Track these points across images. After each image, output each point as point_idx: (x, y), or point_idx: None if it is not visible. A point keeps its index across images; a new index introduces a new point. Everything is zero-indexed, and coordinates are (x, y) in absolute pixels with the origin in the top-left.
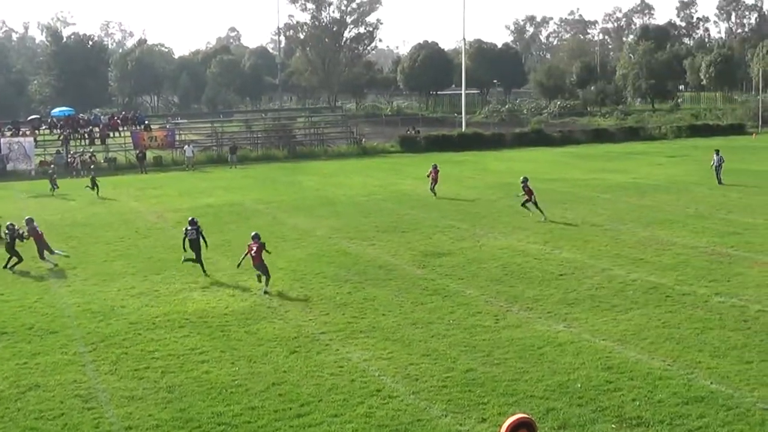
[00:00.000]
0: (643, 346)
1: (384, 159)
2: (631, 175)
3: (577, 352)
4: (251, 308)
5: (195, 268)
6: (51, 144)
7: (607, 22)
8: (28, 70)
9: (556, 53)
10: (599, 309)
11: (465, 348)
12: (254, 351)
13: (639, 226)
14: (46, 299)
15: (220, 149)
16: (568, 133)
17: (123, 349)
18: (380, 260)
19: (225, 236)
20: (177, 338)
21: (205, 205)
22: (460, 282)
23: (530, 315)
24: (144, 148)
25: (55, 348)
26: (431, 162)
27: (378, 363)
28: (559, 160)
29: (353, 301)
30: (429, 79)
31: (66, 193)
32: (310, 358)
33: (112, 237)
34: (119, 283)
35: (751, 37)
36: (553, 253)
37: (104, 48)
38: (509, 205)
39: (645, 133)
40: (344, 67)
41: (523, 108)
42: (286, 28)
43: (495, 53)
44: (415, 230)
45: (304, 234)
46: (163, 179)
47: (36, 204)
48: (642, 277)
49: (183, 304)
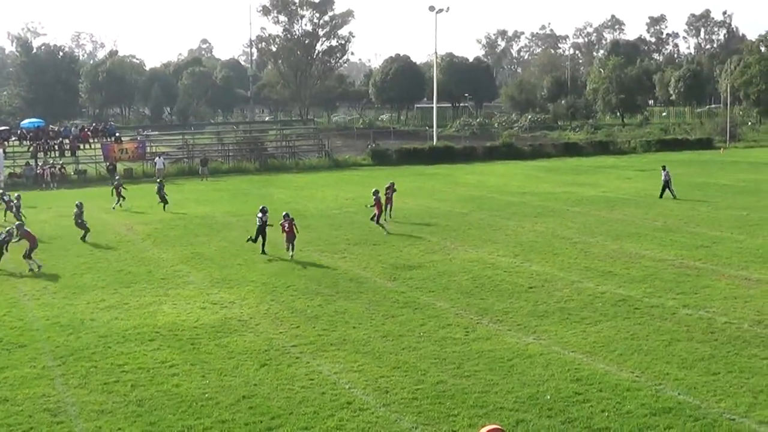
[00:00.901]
0: (612, 358)
1: (355, 172)
2: (601, 189)
3: (546, 364)
4: (222, 321)
5: (164, 280)
6: (20, 156)
7: (578, 37)
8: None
9: (527, 67)
10: (569, 321)
11: (435, 360)
12: (225, 364)
13: (608, 239)
14: (15, 312)
15: (191, 161)
16: (539, 146)
17: (92, 362)
18: (351, 273)
19: (195, 249)
20: (147, 351)
21: (177, 217)
22: (430, 295)
23: (500, 327)
24: (114, 160)
25: (23, 362)
26: (401, 175)
27: (348, 375)
28: (530, 173)
29: (324, 313)
30: (401, 92)
31: (35, 205)
32: (281, 371)
33: (82, 250)
34: (89, 296)
35: (720, 53)
36: (523, 266)
37: (75, 59)
38: (480, 219)
39: (614, 147)
40: (316, 80)
41: (494, 122)
42: (258, 41)
43: (466, 67)
44: (385, 243)
45: (276, 247)
46: (134, 191)
47: (5, 216)
48: (611, 289)
49: (153, 317)
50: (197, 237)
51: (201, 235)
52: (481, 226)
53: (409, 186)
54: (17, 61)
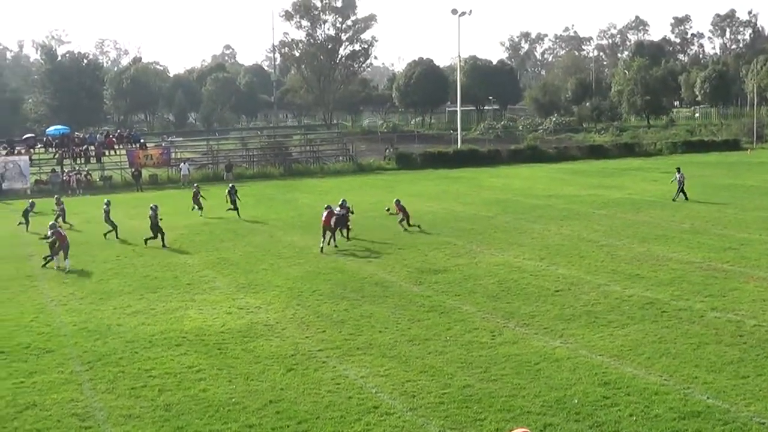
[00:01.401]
0: (640, 362)
1: (380, 176)
2: (627, 191)
3: (573, 368)
4: (248, 326)
5: (190, 286)
6: (46, 163)
7: (602, 39)
8: (23, 89)
9: (551, 70)
10: (595, 325)
11: (462, 364)
12: (251, 369)
13: (635, 241)
14: (43, 318)
15: (215, 167)
16: (564, 149)
17: (120, 367)
18: (377, 277)
19: (221, 254)
20: (174, 356)
21: (201, 223)
22: (456, 298)
23: (527, 331)
24: (140, 166)
25: (51, 367)
26: (425, 179)
27: (375, 380)
28: (555, 176)
29: (350, 318)
30: (424, 96)
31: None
32: (308, 375)
33: (109, 255)
34: (115, 302)
35: (746, 52)
36: (549, 269)
37: (99, 66)
38: (505, 222)
39: (640, 149)
40: (339, 84)
41: (519, 124)
42: (281, 46)
43: (490, 70)
44: (411, 247)
45: (301, 251)
46: (159, 197)
47: (33, 222)
48: (638, 292)
49: (180, 322)
50: (223, 242)
51: (226, 240)
52: (506, 230)
53: (433, 190)
54: (42, 69)
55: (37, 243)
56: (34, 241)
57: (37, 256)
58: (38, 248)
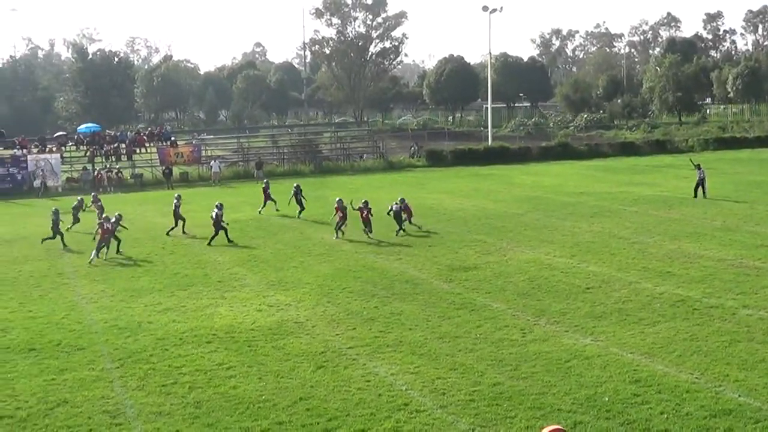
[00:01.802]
0: (671, 359)
1: (410, 173)
2: (658, 188)
3: (604, 366)
4: (278, 323)
5: (221, 283)
6: (78, 161)
7: (633, 35)
8: (54, 87)
9: (582, 66)
10: (627, 322)
11: (492, 362)
12: (281, 366)
13: (666, 239)
14: (74, 315)
15: (246, 164)
16: (595, 146)
17: (150, 364)
18: (407, 275)
19: (251, 251)
20: (204, 353)
21: (232, 221)
22: (486, 296)
23: (557, 328)
24: (170, 163)
25: (82, 364)
26: (456, 176)
27: (405, 377)
28: (586, 173)
29: (380, 315)
30: (455, 93)
31: (93, 209)
32: (338, 372)
33: (139, 253)
34: (146, 299)
35: None
36: (580, 267)
37: (130, 64)
38: (536, 219)
39: (672, 146)
40: (370, 81)
41: (550, 121)
42: (312, 43)
43: (521, 67)
44: (441, 244)
45: (331, 249)
46: (190, 195)
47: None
48: (669, 290)
49: (210, 319)
50: (253, 239)
51: (256, 237)
52: (537, 227)
53: (464, 187)
54: (73, 67)
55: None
56: (77, 239)
57: (70, 255)
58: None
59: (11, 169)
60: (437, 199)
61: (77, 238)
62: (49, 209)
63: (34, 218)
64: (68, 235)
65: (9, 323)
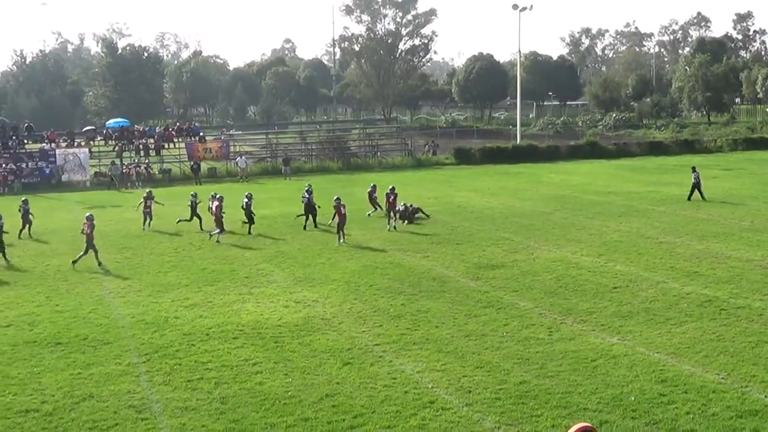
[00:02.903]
0: (698, 360)
1: (438, 171)
2: (687, 188)
3: (630, 365)
4: (305, 320)
5: (248, 279)
6: (106, 155)
7: (663, 35)
8: (84, 82)
9: (611, 66)
10: (653, 322)
11: (518, 360)
12: (308, 362)
13: (694, 239)
14: (101, 310)
15: (274, 160)
16: (623, 145)
17: (176, 360)
18: (434, 272)
19: (279, 247)
20: (230, 349)
21: (260, 217)
22: (513, 294)
23: (584, 327)
24: (198, 159)
25: (109, 358)
26: (484, 174)
27: (431, 375)
28: (614, 172)
29: (407, 312)
30: (484, 91)
31: (120, 204)
32: (364, 369)
33: (166, 248)
34: (173, 294)
35: None
36: (608, 266)
37: (159, 59)
38: (563, 218)
39: (700, 146)
40: (399, 79)
41: (578, 120)
42: (341, 40)
43: (550, 65)
44: (468, 242)
45: (358, 245)
46: (218, 190)
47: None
48: (697, 290)
49: (237, 315)
50: (281, 235)
51: (284, 233)
52: (564, 226)
53: (492, 185)
54: (103, 62)
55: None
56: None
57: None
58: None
59: (39, 162)
60: (465, 197)
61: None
62: (75, 203)
63: (61, 212)
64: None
65: (36, 317)
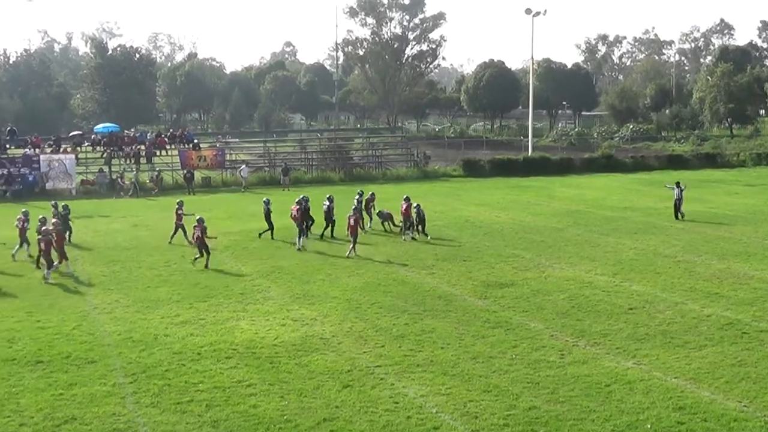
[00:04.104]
0: (718, 386)
1: (446, 183)
2: (707, 205)
3: (647, 391)
4: (302, 339)
5: (243, 295)
6: (93, 162)
7: (683, 43)
8: (71, 84)
9: (629, 74)
10: (671, 345)
11: (528, 384)
12: (305, 384)
13: (714, 258)
14: (85, 327)
15: (272, 170)
16: (641, 158)
17: (165, 380)
18: (440, 290)
19: (276, 262)
20: (223, 370)
21: (257, 229)
22: (523, 314)
23: (598, 350)
24: (192, 167)
25: (93, 378)
26: (493, 187)
27: (436, 399)
28: (631, 187)
29: (410, 333)
30: (494, 99)
31: (108, 213)
32: (364, 392)
33: (157, 261)
34: (163, 311)
35: None
36: (623, 286)
37: (152, 61)
38: (577, 234)
39: (722, 160)
40: (405, 86)
41: (594, 132)
42: (345, 44)
43: (565, 73)
44: (476, 259)
45: (360, 261)
46: (212, 201)
47: (78, 224)
48: (717, 312)
49: (230, 333)
50: (278, 249)
51: (282, 247)
52: (577, 243)
53: (501, 199)
54: (92, 63)
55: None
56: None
57: (83, 263)
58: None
59: (23, 169)
60: (473, 211)
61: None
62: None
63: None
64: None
65: (16, 333)
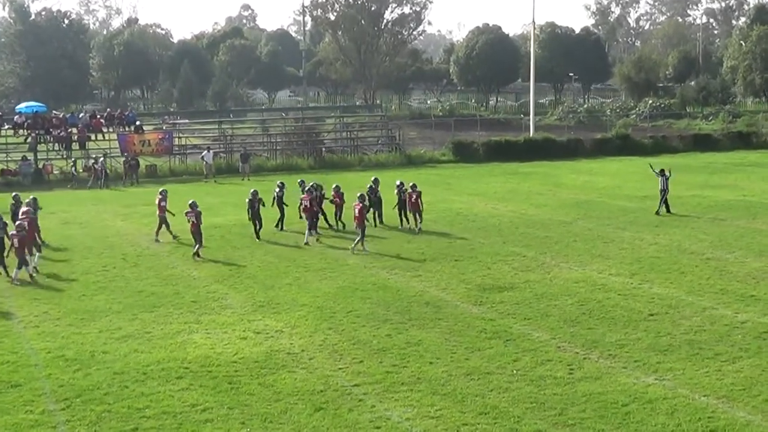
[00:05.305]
0: (755, 405)
1: (433, 170)
2: (741, 192)
3: (671, 411)
4: (266, 355)
5: (196, 304)
6: (15, 149)
7: (712, 2)
8: None
9: (647, 40)
10: (699, 357)
11: (532, 405)
12: (270, 408)
13: (750, 254)
14: (7, 344)
15: (229, 156)
16: (662, 139)
17: (105, 405)
18: (427, 295)
19: (235, 265)
20: (174, 392)
21: (211, 226)
22: (525, 323)
23: (613, 364)
24: (134, 153)
25: (17, 405)
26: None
27: (424, 423)
28: (651, 172)
29: (393, 346)
30: (490, 71)
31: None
32: (340, 416)
33: (93, 265)
34: (101, 323)
35: None
36: (642, 288)
37: (84, 29)
38: (587, 229)
39: (758, 140)
40: (384, 56)
41: (606, 108)
42: (313, 7)
43: (572, 40)
44: (470, 258)
45: (333, 262)
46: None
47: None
48: (753, 318)
49: (182, 349)
50: (237, 250)
51: (241, 247)
52: (588, 238)
53: (499, 188)
54: (11, 30)
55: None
56: None
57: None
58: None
59: None
60: (466, 202)
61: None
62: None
63: None
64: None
65: None
